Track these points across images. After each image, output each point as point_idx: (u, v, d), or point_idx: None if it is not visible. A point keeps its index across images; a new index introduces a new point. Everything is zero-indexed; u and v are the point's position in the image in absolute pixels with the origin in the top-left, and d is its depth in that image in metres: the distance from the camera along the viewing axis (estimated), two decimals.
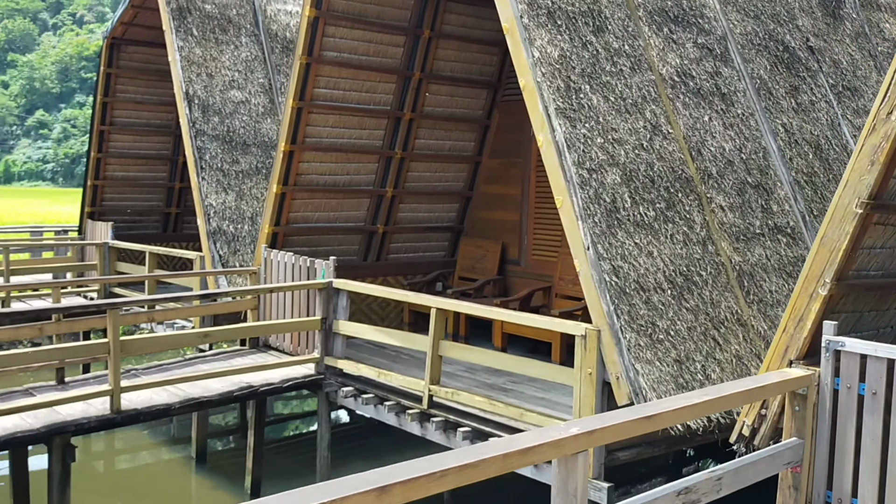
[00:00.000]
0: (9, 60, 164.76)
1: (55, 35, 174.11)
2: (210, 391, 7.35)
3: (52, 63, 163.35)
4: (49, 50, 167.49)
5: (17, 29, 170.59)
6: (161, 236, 14.25)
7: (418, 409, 6.85)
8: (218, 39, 11.40)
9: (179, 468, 9.80)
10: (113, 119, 13.33)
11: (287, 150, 8.88)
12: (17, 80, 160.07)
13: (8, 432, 6.18)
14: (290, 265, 8.69)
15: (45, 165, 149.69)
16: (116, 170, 13.66)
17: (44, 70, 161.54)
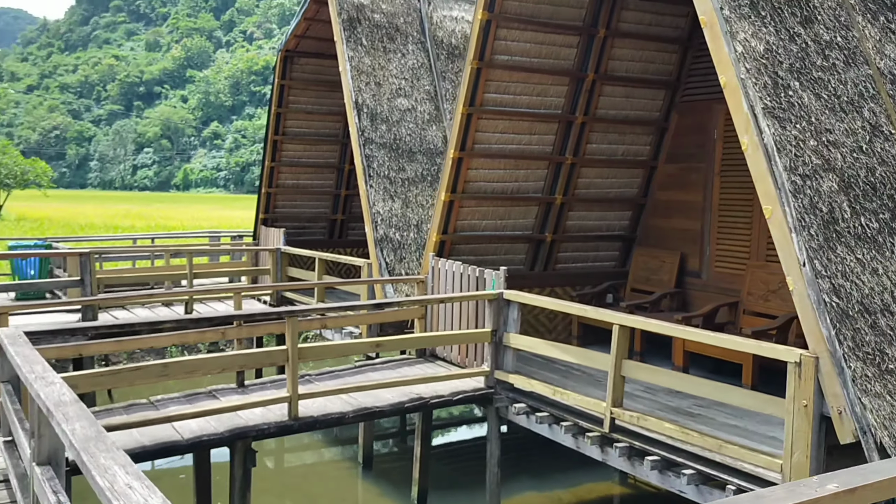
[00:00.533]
0: (187, 76, 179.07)
1: (228, 52, 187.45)
2: (382, 401, 7.28)
3: (225, 78, 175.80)
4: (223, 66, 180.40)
5: (195, 47, 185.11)
6: (327, 242, 14.62)
7: (599, 433, 6.41)
8: (386, 48, 11.49)
9: (346, 472, 9.89)
10: (285, 129, 13.83)
11: (456, 157, 8.71)
12: (194, 94, 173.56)
13: (195, 435, 6.35)
14: (459, 274, 8.50)
15: (219, 173, 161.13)
16: (288, 178, 14.17)
17: (218, 84, 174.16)
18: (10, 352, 4.94)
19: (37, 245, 14.21)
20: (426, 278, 9.07)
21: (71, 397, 3.75)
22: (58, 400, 3.70)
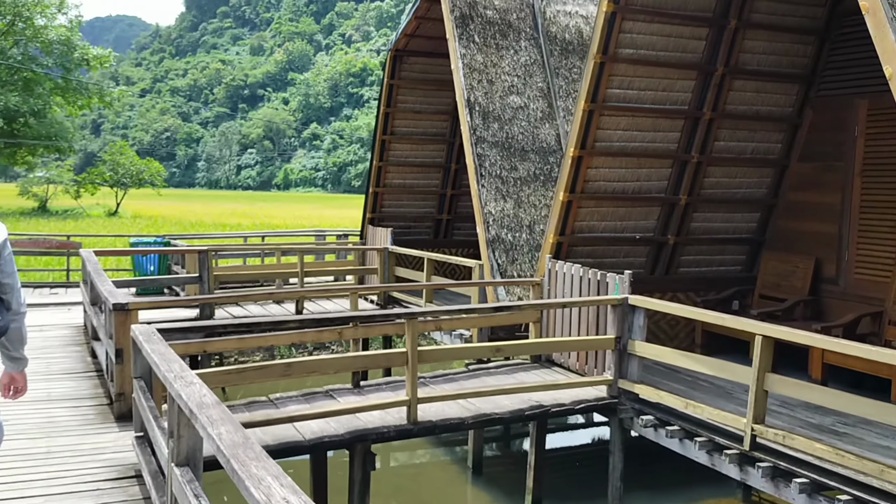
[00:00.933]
0: (289, 79, 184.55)
1: (327, 55, 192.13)
2: (501, 408, 7.06)
3: (324, 80, 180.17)
4: (322, 68, 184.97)
5: (297, 51, 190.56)
6: (432, 242, 14.54)
7: (738, 451, 5.98)
8: (498, 45, 11.27)
9: (456, 476, 9.72)
10: (393, 128, 13.83)
11: (576, 156, 8.39)
12: (295, 96, 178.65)
13: (316, 436, 6.31)
14: (578, 278, 8.19)
15: (317, 173, 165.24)
16: (395, 177, 14.17)
17: (317, 87, 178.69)
18: (146, 349, 4.98)
19: (156, 242, 14.74)
20: (542, 281, 8.79)
21: (212, 399, 3.69)
22: (199, 401, 3.64)
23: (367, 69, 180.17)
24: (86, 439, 6.13)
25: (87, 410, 6.94)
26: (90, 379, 8.08)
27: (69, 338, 10.15)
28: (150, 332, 5.42)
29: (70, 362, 8.77)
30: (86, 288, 10.29)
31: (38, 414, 6.74)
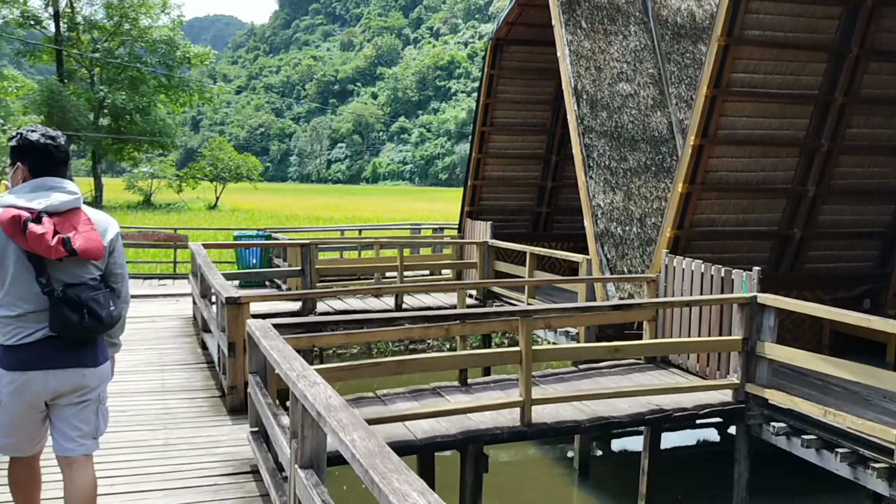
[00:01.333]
0: (377, 74, 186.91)
1: (415, 48, 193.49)
2: (618, 411, 6.71)
3: (412, 74, 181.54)
4: (410, 62, 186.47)
5: (385, 45, 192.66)
6: (531, 235, 14.21)
7: (887, 465, 5.46)
8: (606, 30, 10.82)
9: (561, 478, 9.40)
10: (493, 119, 13.55)
11: (696, 145, 7.91)
12: (384, 90, 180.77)
13: (427, 435, 6.13)
14: (699, 274, 7.72)
15: (405, 166, 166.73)
16: (494, 169, 13.89)
17: (405, 81, 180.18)
18: (263, 345, 4.90)
19: (258, 235, 14.98)
20: (658, 277, 8.35)
21: (339, 401, 3.53)
22: (327, 403, 3.49)
23: (454, 62, 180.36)
24: (200, 432, 6.15)
25: (200, 402, 6.99)
26: (201, 370, 8.18)
27: (179, 329, 10.36)
28: (267, 327, 5.35)
29: (182, 353, 8.93)
30: (195, 280, 10.48)
31: (156, 405, 6.83)
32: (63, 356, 3.43)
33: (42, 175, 3.46)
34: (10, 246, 3.35)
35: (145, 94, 43.47)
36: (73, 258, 3.40)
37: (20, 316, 3.38)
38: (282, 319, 5.72)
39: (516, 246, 11.30)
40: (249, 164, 50.66)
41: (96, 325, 3.43)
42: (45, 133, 3.51)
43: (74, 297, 3.37)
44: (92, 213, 3.56)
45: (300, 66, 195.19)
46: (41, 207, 3.36)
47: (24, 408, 3.43)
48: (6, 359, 3.39)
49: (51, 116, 38.95)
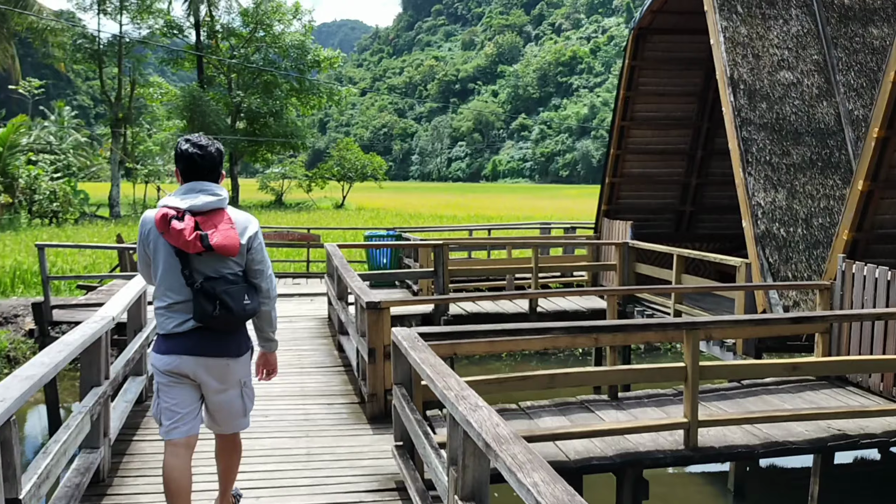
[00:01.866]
0: (498, 72, 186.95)
1: (536, 45, 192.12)
2: (795, 435, 5.99)
3: (533, 71, 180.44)
4: (531, 59, 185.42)
5: (506, 43, 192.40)
6: (672, 235, 13.38)
7: None
8: (765, 15, 9.93)
9: (713, 499, 8.67)
10: (633, 114, 12.82)
11: (881, 137, 7.00)
12: (504, 88, 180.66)
13: (581, 457, 5.65)
14: (885, 282, 6.82)
15: (525, 164, 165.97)
16: (633, 166, 13.16)
17: (526, 78, 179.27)
18: (413, 357, 4.59)
19: (388, 235, 14.92)
20: (832, 284, 7.48)
21: (508, 431, 3.13)
22: (496, 434, 3.09)
23: (576, 57, 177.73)
24: (342, 441, 5.94)
25: (339, 409, 6.83)
26: (339, 374, 8.06)
27: (315, 330, 10.35)
28: (414, 337, 5.04)
29: (319, 355, 8.86)
30: (331, 282, 10.43)
31: (296, 410, 6.71)
32: (210, 345, 3.77)
33: (191, 179, 3.81)
34: (161, 241, 3.73)
35: (278, 98, 45.06)
36: (212, 254, 3.69)
37: (170, 306, 3.75)
38: (427, 329, 5.40)
39: (662, 248, 10.58)
40: (375, 164, 51.59)
41: (227, 315, 3.69)
42: (195, 143, 3.83)
43: (210, 289, 3.67)
44: (234, 213, 3.84)
45: (422, 66, 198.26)
46: (185, 206, 3.70)
47: (180, 388, 3.83)
48: (164, 345, 3.78)
49: (192, 121, 41.04)
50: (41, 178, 31.48)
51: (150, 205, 45.59)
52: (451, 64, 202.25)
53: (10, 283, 17.30)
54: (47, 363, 3.91)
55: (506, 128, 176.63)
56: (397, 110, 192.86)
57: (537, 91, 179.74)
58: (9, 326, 14.26)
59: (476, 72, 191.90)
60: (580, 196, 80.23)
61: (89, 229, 28.48)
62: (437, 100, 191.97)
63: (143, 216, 3.83)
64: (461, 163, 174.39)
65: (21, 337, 13.56)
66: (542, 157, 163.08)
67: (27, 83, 38.74)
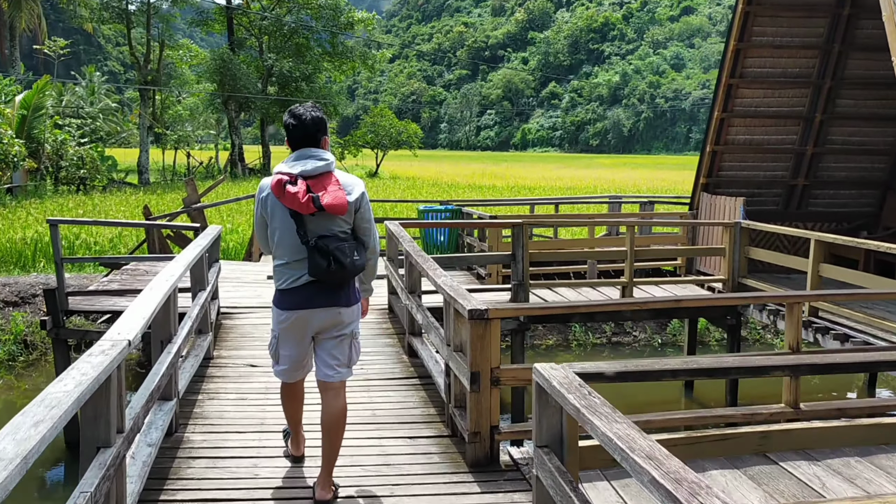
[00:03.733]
0: (529, 38, 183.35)
1: (568, 11, 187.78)
2: None
3: (564, 38, 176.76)
4: (562, 25, 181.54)
5: (537, 9, 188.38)
6: (781, 213, 11.51)
7: None
8: None
9: None
10: (743, 70, 10.83)
11: None
12: (534, 55, 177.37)
13: None
14: None
15: (554, 133, 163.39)
16: (740, 132, 11.20)
17: (557, 45, 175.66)
18: (593, 424, 2.89)
19: (447, 209, 13.19)
20: None
21: None
22: None
23: (608, 24, 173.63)
24: (440, 502, 4.33)
25: (426, 446, 5.22)
26: (415, 390, 6.44)
27: (375, 324, 8.72)
28: (573, 381, 3.35)
29: (385, 361, 7.24)
30: (392, 267, 8.78)
31: (371, 449, 5.10)
32: (323, 297, 4.07)
33: (297, 147, 4.07)
34: (278, 205, 4.00)
35: (310, 62, 43.22)
36: (323, 214, 3.95)
37: (287, 264, 4.07)
38: (589, 366, 3.67)
39: (797, 231, 8.73)
40: (410, 131, 49.74)
41: (340, 270, 3.96)
42: (292, 112, 4.08)
43: (323, 247, 3.92)
44: (342, 176, 4.09)
45: (451, 33, 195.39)
46: (297, 172, 3.96)
47: (295, 340, 4.18)
48: (282, 300, 4.11)
49: (222, 85, 39.42)
50: (68, 144, 30.12)
51: (180, 171, 44.33)
52: (480, 30, 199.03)
53: (31, 256, 15.88)
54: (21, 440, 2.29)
55: (535, 96, 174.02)
56: (426, 77, 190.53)
57: (568, 58, 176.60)
58: (27, 308, 12.85)
59: (506, 38, 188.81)
60: (615, 165, 77.73)
61: (117, 197, 27.12)
62: (466, 67, 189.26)
63: (261, 183, 4.13)
64: (490, 131, 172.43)
65: (40, 318, 12.18)
66: (572, 126, 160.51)
67: (52, 43, 37.27)
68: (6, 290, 13.04)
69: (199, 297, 6.67)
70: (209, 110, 44.78)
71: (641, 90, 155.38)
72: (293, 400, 4.52)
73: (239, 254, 15.88)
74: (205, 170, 44.55)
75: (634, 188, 37.24)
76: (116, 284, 10.57)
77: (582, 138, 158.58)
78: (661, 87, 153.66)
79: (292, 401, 4.53)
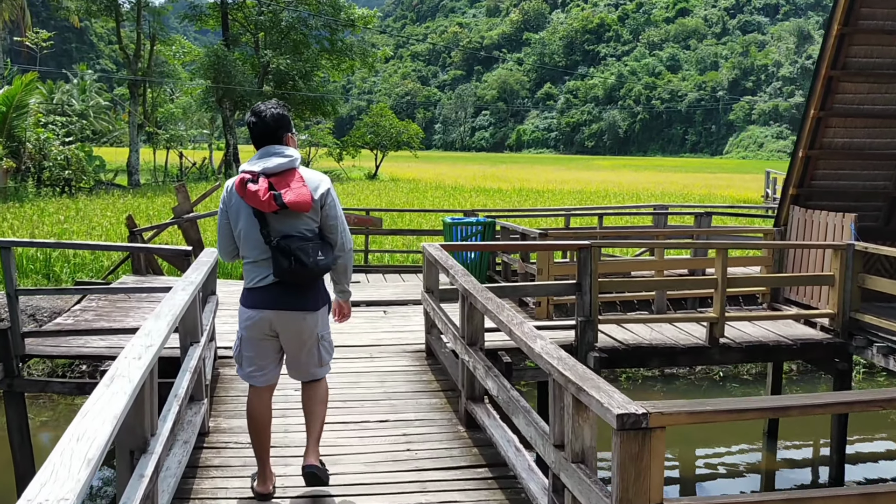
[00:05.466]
0: (523, 39, 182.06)
1: (563, 12, 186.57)
2: None
3: (559, 39, 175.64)
4: (557, 26, 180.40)
5: (532, 10, 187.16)
6: (880, 231, 9.72)
7: None
8: None
9: None
10: (847, 59, 9.02)
11: None
12: (529, 56, 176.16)
13: None
14: None
15: (549, 134, 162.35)
16: (839, 133, 9.37)
17: (552, 45, 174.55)
18: None
19: (478, 222, 11.36)
20: None
21: None
22: None
23: (604, 25, 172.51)
24: None
25: None
26: (487, 489, 4.63)
27: (413, 375, 6.88)
28: None
29: (435, 436, 5.45)
30: (433, 300, 6.96)
31: None
32: (287, 299, 4.02)
33: (260, 145, 4.06)
34: (242, 204, 3.97)
35: (308, 59, 41.33)
36: (288, 212, 3.91)
37: (254, 262, 4.05)
38: None
39: None
40: (411, 132, 47.91)
41: (302, 270, 3.90)
42: (253, 110, 4.11)
43: (285, 246, 3.89)
44: (306, 173, 4.05)
45: (446, 33, 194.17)
46: (259, 169, 3.94)
47: (261, 341, 4.12)
48: (248, 298, 4.10)
49: (217, 82, 37.50)
50: (51, 143, 28.16)
51: (172, 172, 42.38)
52: (475, 31, 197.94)
53: None
54: None
55: (531, 97, 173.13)
56: (420, 78, 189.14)
57: (563, 59, 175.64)
58: None
59: (501, 39, 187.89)
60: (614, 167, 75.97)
61: (104, 200, 25.19)
62: (460, 67, 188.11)
63: (226, 183, 4.10)
64: (485, 132, 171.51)
65: None
66: (568, 127, 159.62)
67: (34, 34, 35.22)
68: None
69: (191, 356, 4.85)
70: (203, 109, 42.82)
71: (637, 91, 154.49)
72: (259, 415, 4.22)
73: (237, 270, 14.02)
74: (198, 171, 42.61)
75: (647, 193, 35.54)
76: (91, 314, 8.72)
77: (577, 139, 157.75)
78: (656, 89, 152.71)
79: (258, 416, 4.21)
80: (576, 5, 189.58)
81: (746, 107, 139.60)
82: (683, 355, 7.92)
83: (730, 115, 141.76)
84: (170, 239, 14.92)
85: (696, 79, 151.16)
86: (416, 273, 13.18)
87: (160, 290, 7.01)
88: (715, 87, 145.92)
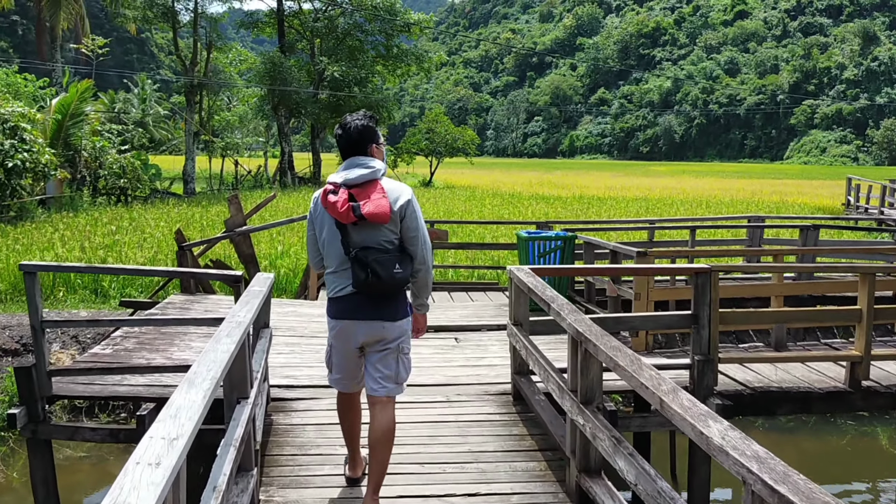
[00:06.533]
0: (577, 44, 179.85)
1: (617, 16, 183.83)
2: None
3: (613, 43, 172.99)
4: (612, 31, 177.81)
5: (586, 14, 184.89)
6: None
7: None
8: None
9: None
10: None
11: None
12: (583, 61, 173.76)
13: None
14: None
15: (603, 139, 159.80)
16: None
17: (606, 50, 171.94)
18: None
19: (558, 236, 10.16)
20: None
21: None
22: None
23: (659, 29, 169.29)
24: None
25: None
26: None
27: (500, 424, 5.72)
28: None
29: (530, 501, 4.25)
30: (522, 336, 5.81)
31: None
32: (366, 309, 3.99)
33: (346, 156, 4.07)
34: (326, 215, 4.03)
35: (364, 65, 40.64)
36: (367, 223, 3.90)
37: (335, 272, 4.05)
38: None
39: None
40: (467, 138, 46.85)
41: (378, 282, 3.87)
42: (341, 122, 4.13)
43: (363, 258, 3.88)
44: (388, 184, 3.99)
45: (499, 39, 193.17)
46: (340, 181, 3.96)
47: (345, 350, 4.13)
48: (331, 308, 4.11)
49: (272, 90, 37.05)
50: (106, 151, 27.89)
51: (228, 180, 42.20)
52: (528, 37, 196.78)
53: (49, 285, 13.22)
54: None
55: (584, 102, 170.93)
56: (473, 84, 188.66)
57: (617, 64, 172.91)
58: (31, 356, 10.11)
59: (554, 44, 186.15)
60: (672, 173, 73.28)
61: (158, 209, 24.70)
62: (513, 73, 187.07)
63: (313, 195, 4.14)
64: (537, 138, 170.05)
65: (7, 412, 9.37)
66: (622, 133, 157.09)
67: (90, 41, 35.25)
68: (5, 333, 10.36)
69: (237, 420, 3.79)
70: (258, 116, 42.52)
71: (694, 96, 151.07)
72: (348, 411, 4.38)
73: (291, 284, 13.08)
74: (253, 179, 42.29)
75: (716, 201, 33.73)
76: (132, 341, 7.79)
77: (631, 145, 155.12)
78: (714, 93, 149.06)
79: (347, 412, 4.39)
80: (630, 9, 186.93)
81: (808, 111, 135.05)
82: (819, 402, 6.60)
83: (791, 120, 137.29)
84: (222, 252, 14.08)
85: (756, 82, 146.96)
86: (484, 291, 12.08)
87: (205, 321, 6.02)
88: (775, 90, 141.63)
